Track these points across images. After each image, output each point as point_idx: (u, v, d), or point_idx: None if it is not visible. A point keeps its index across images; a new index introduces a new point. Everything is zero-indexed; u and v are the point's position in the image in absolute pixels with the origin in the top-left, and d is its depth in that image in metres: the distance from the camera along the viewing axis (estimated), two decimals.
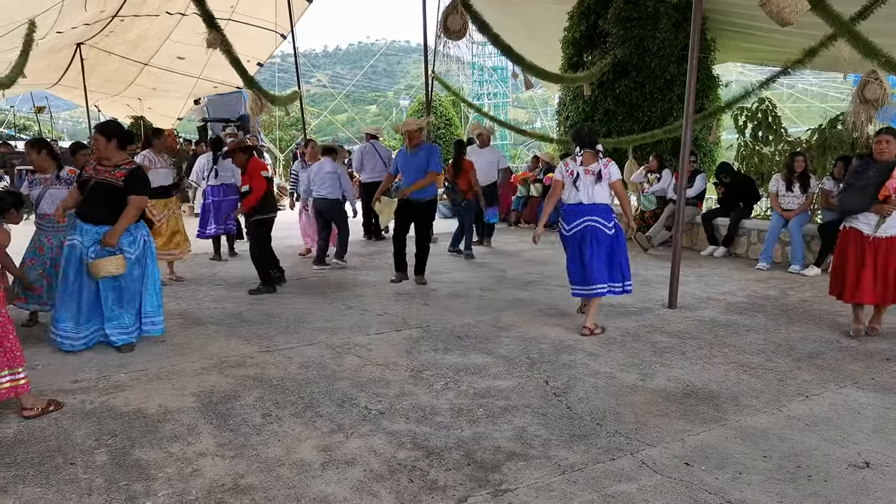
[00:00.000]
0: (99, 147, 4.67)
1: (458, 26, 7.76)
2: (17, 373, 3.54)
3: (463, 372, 4.35)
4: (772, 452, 3.23)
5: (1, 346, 3.50)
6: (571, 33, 11.63)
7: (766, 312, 5.94)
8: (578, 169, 5.22)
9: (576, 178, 5.21)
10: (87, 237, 4.65)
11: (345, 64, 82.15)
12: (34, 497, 2.80)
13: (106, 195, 4.64)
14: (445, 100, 23.40)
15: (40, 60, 13.51)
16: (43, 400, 3.70)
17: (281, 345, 4.97)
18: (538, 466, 3.08)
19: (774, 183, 8.31)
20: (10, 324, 3.59)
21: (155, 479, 2.96)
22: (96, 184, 4.63)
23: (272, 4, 13.41)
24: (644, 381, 4.21)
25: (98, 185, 4.63)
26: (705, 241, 9.27)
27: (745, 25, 10.00)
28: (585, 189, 5.20)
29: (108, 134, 4.69)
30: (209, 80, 17.49)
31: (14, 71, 9.11)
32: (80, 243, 4.65)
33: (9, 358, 3.52)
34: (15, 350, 3.55)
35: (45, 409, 3.63)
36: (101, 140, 4.65)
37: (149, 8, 13.66)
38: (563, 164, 5.39)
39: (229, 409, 3.73)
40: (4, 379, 3.50)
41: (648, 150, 10.46)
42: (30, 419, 3.55)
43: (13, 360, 3.53)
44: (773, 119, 9.49)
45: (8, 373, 3.51)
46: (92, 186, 4.63)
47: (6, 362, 3.51)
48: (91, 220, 4.68)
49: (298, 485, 2.91)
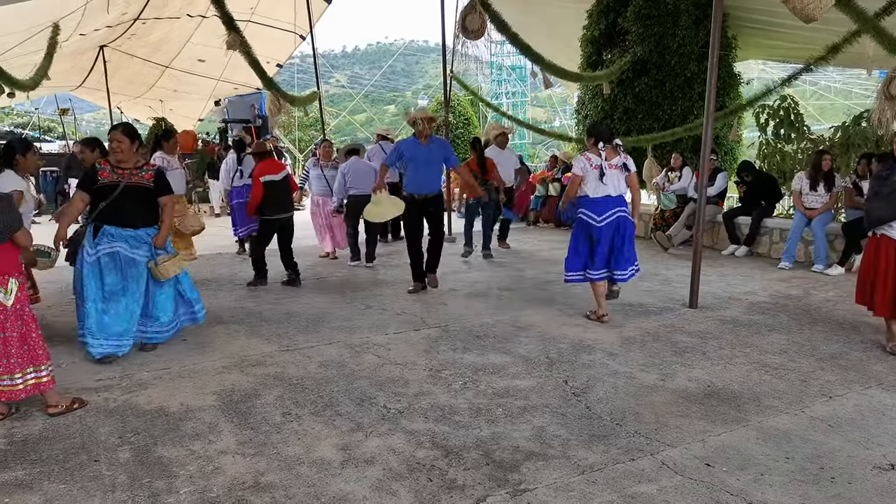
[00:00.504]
0: (123, 149, 4.57)
1: (477, 26, 7.77)
2: (40, 370, 3.61)
3: (482, 371, 4.35)
4: (794, 454, 3.20)
5: (25, 344, 3.56)
6: (590, 31, 11.56)
7: (789, 312, 5.87)
8: (603, 163, 5.39)
9: (601, 172, 5.38)
10: (131, 242, 4.59)
11: (363, 64, 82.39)
12: (59, 493, 2.84)
13: (139, 198, 4.60)
14: (464, 99, 23.40)
15: (64, 63, 13.71)
16: (67, 398, 3.76)
17: (301, 344, 5.00)
18: (557, 466, 3.07)
19: (798, 181, 8.20)
20: (34, 322, 3.65)
21: (177, 476, 2.99)
22: (127, 188, 4.54)
23: (291, 6, 13.48)
24: (664, 381, 4.18)
25: (130, 189, 4.55)
26: (727, 241, 9.18)
27: (767, 22, 9.88)
28: (612, 182, 5.42)
29: (131, 135, 4.64)
30: (229, 82, 17.65)
31: (38, 73, 9.25)
32: (125, 249, 4.57)
33: (32, 356, 3.58)
34: (38, 348, 3.60)
35: (69, 406, 3.69)
36: (125, 142, 4.57)
37: (170, 10, 13.81)
38: (585, 159, 5.48)
39: (250, 408, 3.76)
40: (29, 376, 3.56)
41: (668, 148, 10.37)
42: (54, 416, 3.61)
43: (36, 358, 3.59)
44: (796, 117, 9.37)
45: (32, 370, 3.57)
46: (123, 191, 4.53)
47: (30, 360, 3.57)
48: (130, 224, 4.60)
49: (318, 483, 2.93)
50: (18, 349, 3.53)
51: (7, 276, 3.51)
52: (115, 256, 4.56)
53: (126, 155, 4.60)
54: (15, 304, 3.53)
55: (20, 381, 3.53)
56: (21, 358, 3.54)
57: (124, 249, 4.57)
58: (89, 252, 4.54)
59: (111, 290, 4.54)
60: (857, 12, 5.79)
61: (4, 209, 3.42)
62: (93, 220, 4.57)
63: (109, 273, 4.54)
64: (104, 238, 4.56)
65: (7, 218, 3.42)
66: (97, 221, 4.57)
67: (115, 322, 4.53)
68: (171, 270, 4.70)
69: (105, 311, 4.52)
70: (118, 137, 4.56)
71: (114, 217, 4.57)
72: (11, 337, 3.51)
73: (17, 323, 3.54)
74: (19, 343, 3.53)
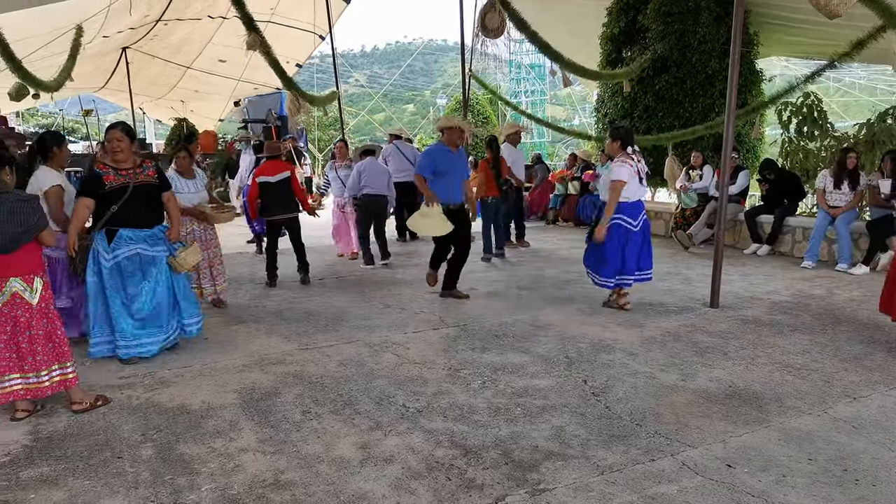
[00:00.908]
0: (123, 148, 4.48)
1: (496, 24, 7.75)
2: (66, 367, 3.67)
3: (500, 371, 4.34)
4: (817, 455, 3.16)
5: (50, 342, 3.63)
6: (610, 29, 11.50)
7: (812, 312, 5.80)
8: (638, 167, 5.58)
9: (640, 176, 5.60)
10: (150, 241, 4.59)
11: (382, 63, 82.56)
12: (83, 489, 2.89)
13: (148, 196, 4.60)
14: (483, 98, 23.38)
15: (87, 64, 13.90)
16: (92, 395, 3.81)
17: (320, 343, 5.02)
18: (576, 466, 3.06)
19: (822, 179, 8.10)
20: (59, 320, 3.72)
21: (198, 473, 3.02)
22: (136, 188, 4.50)
23: (311, 6, 13.57)
24: (685, 381, 4.15)
25: (139, 189, 4.52)
26: (748, 240, 9.08)
27: (790, 18, 9.76)
28: (645, 188, 5.71)
29: (130, 134, 4.58)
30: (250, 82, 17.79)
31: (62, 74, 9.39)
32: (145, 249, 4.56)
33: (57, 353, 3.64)
34: (63, 346, 3.67)
35: (93, 403, 3.74)
36: (125, 141, 4.49)
37: (191, 12, 13.95)
38: (627, 164, 5.53)
39: (270, 406, 3.79)
40: (55, 373, 3.63)
41: (689, 146, 10.29)
42: (79, 413, 3.67)
43: (62, 356, 3.66)
44: (819, 114, 9.25)
45: (58, 367, 3.64)
46: (133, 192, 4.48)
47: (55, 357, 3.64)
48: (145, 224, 4.58)
49: (337, 481, 2.94)
50: (44, 347, 3.60)
51: (32, 275, 3.57)
52: (134, 259, 4.53)
53: (126, 154, 4.53)
54: (40, 303, 3.60)
55: (46, 378, 3.60)
56: (47, 355, 3.60)
57: (144, 249, 4.56)
58: (106, 258, 4.47)
59: (135, 292, 4.53)
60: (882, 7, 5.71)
61: (31, 210, 3.48)
62: (104, 226, 4.48)
63: (131, 275, 4.52)
64: (121, 242, 4.51)
65: (33, 218, 3.48)
66: (109, 226, 4.48)
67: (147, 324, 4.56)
68: (189, 261, 4.77)
69: (132, 314, 4.53)
70: (118, 136, 4.47)
71: (127, 219, 4.51)
72: (37, 335, 3.57)
73: (43, 321, 3.60)
74: (45, 341, 3.60)
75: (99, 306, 4.52)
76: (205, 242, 5.98)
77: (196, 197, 6.00)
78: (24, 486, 2.91)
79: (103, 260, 4.46)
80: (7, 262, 3.47)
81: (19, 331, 3.54)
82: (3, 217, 3.37)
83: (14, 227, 3.41)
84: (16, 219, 3.41)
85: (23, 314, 3.54)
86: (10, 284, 3.50)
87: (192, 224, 5.95)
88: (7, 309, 3.51)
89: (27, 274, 3.55)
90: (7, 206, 3.40)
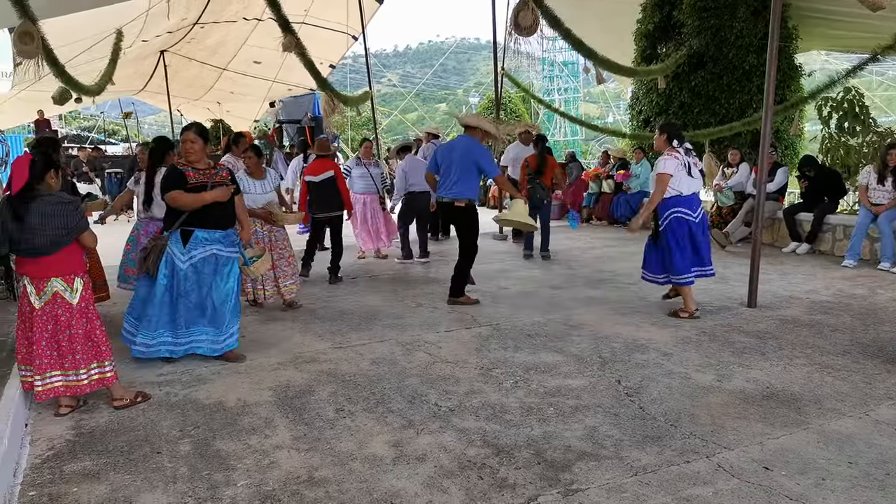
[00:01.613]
0: (196, 149, 4.45)
1: (529, 22, 7.70)
2: (104, 366, 3.75)
3: (533, 370, 4.33)
4: (858, 458, 3.09)
5: (89, 341, 3.72)
6: (644, 25, 11.38)
7: (853, 312, 5.66)
8: (689, 160, 5.52)
9: (689, 169, 5.50)
10: (225, 242, 4.54)
11: (415, 63, 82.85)
12: (124, 483, 2.96)
13: None
14: (515, 96, 23.31)
15: (127, 68, 14.19)
16: (132, 391, 3.90)
17: (353, 341, 5.07)
18: (610, 467, 3.04)
19: (865, 175, 7.90)
20: (98, 319, 3.80)
21: (235, 469, 3.07)
22: (214, 188, 4.43)
23: (344, 6, 13.65)
24: (721, 382, 4.08)
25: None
26: (787, 238, 8.90)
27: (831, 11, 9.53)
28: (698, 178, 5.60)
29: (204, 136, 4.54)
30: (284, 83, 17.97)
31: (103, 78, 9.61)
32: (220, 250, 4.51)
33: (96, 352, 3.73)
34: (102, 345, 3.75)
35: (133, 399, 3.83)
36: (199, 142, 4.46)
37: (227, 14, 14.15)
38: (673, 158, 5.50)
39: (304, 404, 3.84)
40: (93, 372, 3.72)
41: (726, 143, 10.13)
42: (119, 409, 3.75)
43: (101, 354, 3.74)
44: (861, 109, 9.03)
45: (96, 365, 3.73)
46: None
47: (94, 356, 3.72)
48: (220, 225, 4.52)
49: (370, 479, 2.97)
50: (83, 346, 3.68)
51: (73, 275, 3.66)
52: (210, 260, 4.47)
53: (200, 155, 4.49)
54: (80, 303, 3.68)
55: (84, 376, 3.68)
56: (86, 354, 3.69)
57: (220, 251, 4.51)
58: (182, 259, 4.41)
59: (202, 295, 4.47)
60: None
61: (72, 211, 3.57)
62: (179, 226, 4.42)
63: (202, 277, 4.46)
64: (197, 243, 4.44)
65: (74, 220, 3.57)
66: (184, 227, 4.43)
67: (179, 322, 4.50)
68: (261, 270, 4.86)
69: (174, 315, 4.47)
70: (191, 138, 4.44)
71: (203, 220, 4.44)
72: (77, 334, 3.66)
73: (82, 321, 3.69)
74: (84, 340, 3.69)
75: (164, 308, 4.45)
76: (270, 244, 5.88)
77: (263, 198, 5.89)
78: (67, 480, 3.00)
79: (178, 261, 4.42)
80: (49, 263, 3.56)
81: (60, 329, 3.63)
82: (45, 219, 3.47)
83: (55, 228, 3.49)
84: (57, 220, 3.49)
85: (63, 313, 3.63)
86: (52, 284, 3.59)
87: (255, 225, 5.78)
88: (49, 308, 3.61)
89: (68, 274, 3.64)
90: (50, 207, 3.49)
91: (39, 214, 3.46)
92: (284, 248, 6.04)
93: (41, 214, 3.46)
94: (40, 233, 3.46)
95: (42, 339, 3.61)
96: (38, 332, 3.60)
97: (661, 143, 5.59)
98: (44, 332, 3.61)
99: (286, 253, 6.04)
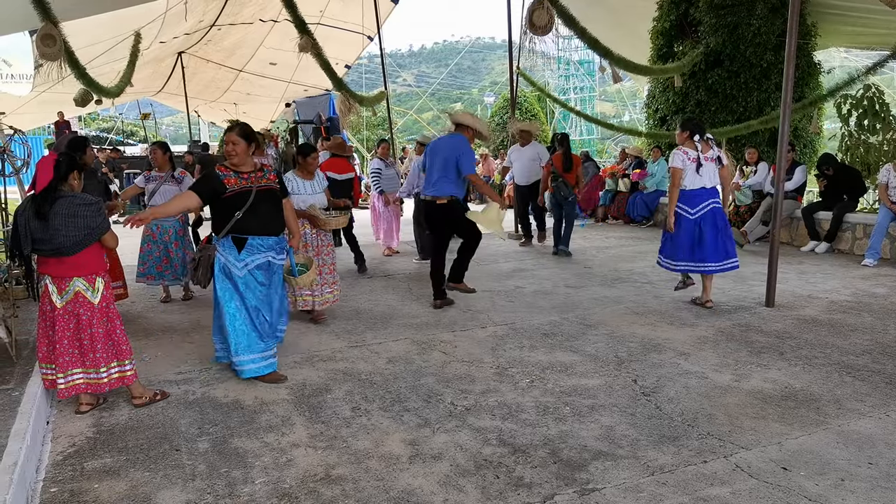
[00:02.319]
0: (238, 151, 4.08)
1: (545, 21, 7.69)
2: (124, 364, 3.79)
3: (549, 370, 4.33)
4: (878, 459, 3.05)
5: (109, 340, 3.76)
6: (661, 23, 11.32)
7: (873, 312, 5.60)
8: (699, 155, 5.57)
9: (698, 165, 5.56)
10: (278, 249, 4.27)
11: (430, 63, 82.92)
12: (144, 480, 2.99)
13: (272, 202, 4.20)
14: (531, 95, 23.23)
15: (145, 70, 14.35)
16: (151, 390, 3.95)
17: (369, 340, 5.08)
18: (626, 467, 3.03)
19: (885, 174, 7.80)
20: (118, 319, 3.84)
21: (252, 466, 3.10)
22: (259, 192, 4.10)
23: (359, 7, 13.70)
24: (739, 381, 4.06)
25: (262, 194, 4.12)
26: (806, 237, 8.82)
27: (850, 8, 9.44)
28: (708, 174, 5.63)
29: (247, 137, 4.16)
30: (299, 84, 18.09)
31: (122, 80, 9.71)
32: (273, 257, 4.24)
33: (116, 351, 3.77)
34: (122, 344, 3.79)
35: (152, 398, 3.88)
36: (241, 144, 4.09)
37: (243, 16, 14.25)
38: (682, 153, 5.63)
39: (321, 402, 3.86)
40: (113, 370, 3.76)
41: (744, 141, 10.05)
42: (139, 407, 3.80)
43: (120, 353, 3.78)
44: (881, 106, 8.92)
45: (116, 364, 3.77)
46: (257, 196, 4.08)
47: (114, 355, 3.77)
48: (272, 231, 4.20)
49: (387, 477, 2.98)
50: (104, 345, 3.72)
51: (94, 275, 3.71)
52: (264, 266, 4.19)
53: (242, 157, 4.12)
54: (101, 302, 3.73)
55: (105, 375, 3.73)
56: (106, 353, 3.73)
57: (273, 258, 4.24)
58: (238, 267, 4.11)
59: (259, 302, 4.20)
60: None
61: (94, 213, 3.60)
62: (228, 233, 4.09)
63: (258, 285, 4.19)
64: (252, 250, 4.14)
65: (94, 222, 3.60)
66: (235, 234, 4.10)
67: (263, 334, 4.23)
68: (307, 280, 4.81)
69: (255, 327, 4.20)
70: (233, 139, 4.08)
71: (253, 226, 4.11)
72: (97, 333, 3.70)
73: (103, 320, 3.73)
74: (104, 339, 3.73)
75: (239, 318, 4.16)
76: (315, 248, 5.58)
77: (312, 199, 5.60)
78: (88, 477, 3.04)
79: (235, 269, 4.12)
80: (71, 263, 3.61)
81: (81, 328, 3.68)
82: (68, 220, 3.51)
83: (78, 229, 3.53)
84: (79, 222, 3.53)
85: (85, 312, 3.67)
86: (74, 284, 3.64)
87: (304, 226, 5.48)
88: (71, 307, 3.65)
89: (90, 274, 3.68)
90: (72, 209, 3.53)
91: (62, 215, 3.50)
92: (328, 254, 5.69)
93: (64, 215, 3.50)
94: (63, 233, 3.50)
95: (64, 337, 3.66)
96: (60, 330, 3.65)
97: (682, 139, 5.67)
98: (66, 331, 3.66)
99: (329, 259, 5.68)
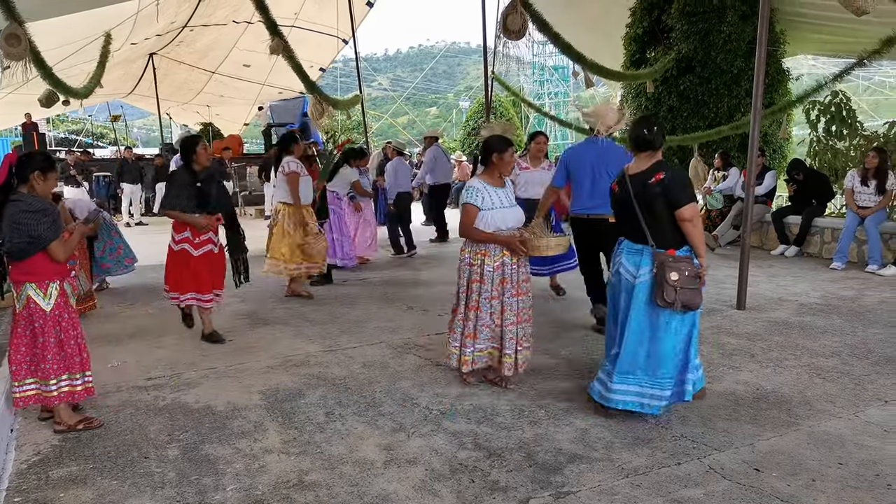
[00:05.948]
0: None
1: (518, 26, 7.70)
2: (75, 378, 3.56)
3: (524, 373, 4.32)
4: (848, 459, 3.10)
5: (61, 351, 3.53)
6: (634, 29, 11.42)
7: (842, 314, 5.70)
8: None
9: None
10: None
11: (405, 67, 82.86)
12: (111, 489, 2.92)
13: None
14: (505, 100, 23.33)
15: (116, 71, 14.13)
16: (77, 416, 3.63)
17: (344, 344, 5.04)
18: (601, 469, 3.04)
19: (850, 178, 7.96)
20: (73, 329, 3.58)
21: (224, 473, 3.04)
22: None
23: (334, 10, 13.66)
24: (711, 383, 4.09)
25: None
26: (776, 241, 8.96)
27: (817, 16, 9.61)
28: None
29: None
30: (274, 87, 17.96)
31: (92, 81, 9.53)
32: None
33: (69, 363, 3.54)
34: (75, 356, 3.55)
35: (73, 426, 3.56)
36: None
37: (217, 17, 14.12)
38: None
39: (294, 408, 3.81)
40: (63, 383, 3.52)
41: (715, 147, 10.18)
42: (59, 433, 3.51)
43: (73, 366, 3.55)
44: (848, 113, 9.11)
45: (66, 377, 3.53)
46: None
47: (65, 367, 3.53)
48: None
49: (361, 482, 2.95)
50: (55, 355, 3.50)
51: (48, 281, 3.48)
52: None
53: None
54: (54, 310, 3.50)
55: (54, 387, 3.49)
56: (56, 364, 3.50)
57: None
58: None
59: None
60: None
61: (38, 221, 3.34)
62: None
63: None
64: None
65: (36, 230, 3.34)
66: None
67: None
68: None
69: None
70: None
71: None
72: (48, 342, 3.49)
73: (54, 329, 3.51)
74: (56, 349, 3.51)
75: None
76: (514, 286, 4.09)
77: (511, 216, 4.15)
78: (53, 486, 2.96)
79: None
80: (22, 268, 3.43)
81: (35, 336, 3.48)
82: (12, 226, 3.31)
83: (20, 236, 3.32)
84: (22, 229, 3.32)
85: (37, 319, 3.47)
86: (25, 290, 3.45)
87: (504, 253, 4.31)
88: (26, 313, 3.47)
89: (42, 280, 3.47)
90: (16, 215, 3.31)
91: (8, 220, 3.32)
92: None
93: (9, 220, 3.32)
94: (8, 239, 3.32)
95: (22, 344, 3.49)
96: (17, 336, 3.49)
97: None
98: (23, 338, 3.49)
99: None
